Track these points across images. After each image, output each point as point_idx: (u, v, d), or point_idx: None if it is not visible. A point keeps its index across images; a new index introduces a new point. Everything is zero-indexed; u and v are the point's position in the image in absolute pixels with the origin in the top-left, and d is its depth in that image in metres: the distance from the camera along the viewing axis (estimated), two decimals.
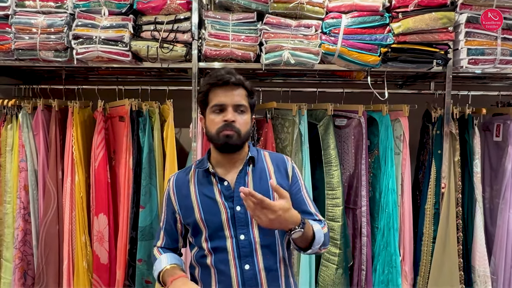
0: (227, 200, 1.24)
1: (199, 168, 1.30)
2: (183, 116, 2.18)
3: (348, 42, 1.90)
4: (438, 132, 2.07)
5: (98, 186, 2.06)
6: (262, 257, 1.23)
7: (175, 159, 2.04)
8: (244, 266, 1.22)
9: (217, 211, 1.23)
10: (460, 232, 2.02)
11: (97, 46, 1.90)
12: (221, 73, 1.23)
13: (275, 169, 1.31)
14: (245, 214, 1.22)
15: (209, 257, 1.25)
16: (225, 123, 1.20)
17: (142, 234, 2.01)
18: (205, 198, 1.26)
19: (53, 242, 2.04)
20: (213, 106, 1.22)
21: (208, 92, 1.23)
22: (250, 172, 1.27)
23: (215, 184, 1.26)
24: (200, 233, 1.26)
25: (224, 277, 1.23)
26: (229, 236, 1.23)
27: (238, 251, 1.22)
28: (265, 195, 1.20)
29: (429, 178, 2.07)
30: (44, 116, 2.12)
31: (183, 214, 1.29)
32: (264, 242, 1.24)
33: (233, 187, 1.25)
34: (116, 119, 2.17)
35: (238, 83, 1.23)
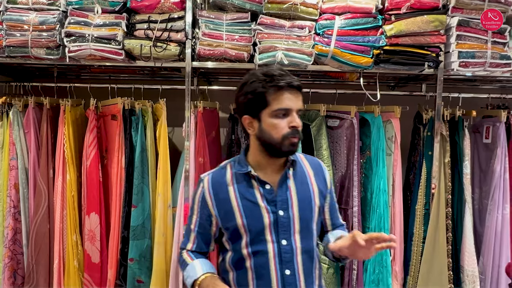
0: (269, 204, 1.20)
1: (238, 171, 1.23)
2: (176, 115, 2.18)
3: (341, 44, 1.92)
4: (429, 134, 2.10)
5: (90, 185, 2.05)
6: (302, 262, 1.21)
7: (167, 158, 2.04)
8: (285, 271, 1.19)
9: (260, 215, 1.19)
10: (450, 232, 2.05)
11: (90, 44, 1.89)
12: (279, 72, 1.14)
13: (314, 174, 1.29)
14: (288, 219, 1.20)
15: (248, 261, 1.21)
16: (294, 130, 1.15)
17: (134, 234, 2.00)
18: (247, 202, 1.20)
19: (43, 241, 2.03)
20: (277, 110, 1.13)
21: (266, 93, 1.13)
22: (291, 176, 1.23)
23: (256, 187, 1.21)
24: (240, 238, 1.22)
25: (263, 281, 1.20)
26: (270, 241, 1.19)
27: (280, 256, 1.19)
28: (307, 200, 1.22)
29: (420, 179, 2.09)
30: (35, 114, 2.11)
31: (222, 219, 1.23)
32: (305, 247, 1.22)
33: (276, 191, 1.21)
34: (109, 118, 2.16)
35: (301, 87, 1.17)
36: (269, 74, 1.14)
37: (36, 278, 2.03)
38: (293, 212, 1.20)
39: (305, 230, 1.22)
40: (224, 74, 2.48)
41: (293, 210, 1.20)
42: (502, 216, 2.06)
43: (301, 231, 1.21)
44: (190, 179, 2.00)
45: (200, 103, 2.06)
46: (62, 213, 2.04)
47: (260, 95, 1.14)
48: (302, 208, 1.21)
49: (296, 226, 1.20)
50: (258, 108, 1.16)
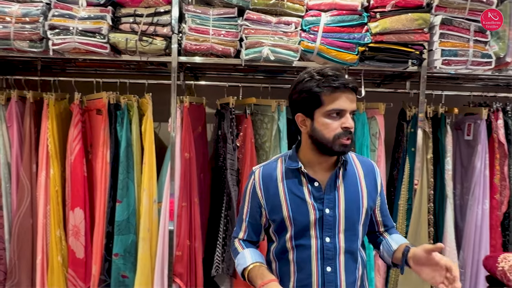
0: (316, 202, 1.21)
1: (289, 166, 1.24)
2: (162, 110, 2.17)
3: (327, 40, 1.93)
4: (412, 130, 2.14)
5: (74, 179, 2.03)
6: (344, 261, 1.22)
7: (153, 154, 2.04)
8: (326, 268, 1.20)
9: (306, 211, 1.20)
10: (432, 227, 2.10)
11: (74, 37, 1.87)
12: (335, 73, 1.14)
13: (365, 175, 1.28)
14: (334, 218, 1.20)
15: (291, 253, 1.24)
16: (346, 130, 1.15)
17: (118, 229, 1.99)
18: (294, 197, 1.22)
19: (26, 236, 2.01)
20: (331, 110, 1.13)
21: (321, 93, 1.14)
22: (341, 176, 1.23)
23: (305, 184, 1.22)
24: (285, 230, 1.23)
25: (304, 275, 1.22)
26: (314, 237, 1.21)
27: (322, 252, 1.20)
28: (354, 200, 1.22)
29: (403, 175, 2.13)
30: (18, 108, 2.08)
31: (270, 210, 1.25)
32: (348, 247, 1.22)
33: (324, 189, 1.21)
34: (94, 112, 2.14)
35: (356, 88, 1.16)
36: (325, 74, 1.15)
37: (18, 274, 2.00)
38: (340, 211, 1.21)
39: (350, 231, 1.22)
40: (211, 69, 2.48)
41: (340, 209, 1.21)
42: (482, 211, 2.11)
43: (346, 231, 1.21)
44: (175, 174, 2.00)
45: (186, 98, 2.05)
46: (46, 208, 2.01)
47: (314, 95, 1.15)
48: (349, 209, 1.21)
49: (342, 226, 1.21)
50: (312, 107, 1.16)
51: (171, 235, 1.99)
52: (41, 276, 2.00)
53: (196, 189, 2.06)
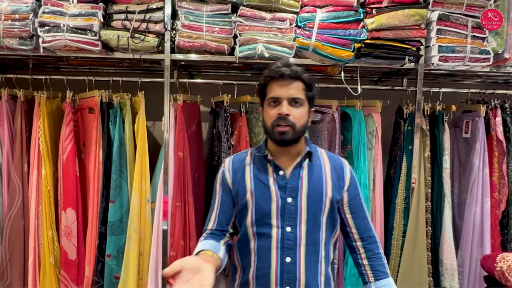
0: (280, 190, 1.23)
1: (257, 153, 1.30)
2: (156, 108, 2.14)
3: (323, 37, 1.90)
4: (410, 128, 2.11)
5: (66, 179, 2.00)
6: (305, 253, 1.22)
7: (146, 153, 2.00)
8: (285, 258, 1.21)
9: (269, 197, 1.23)
10: (429, 226, 2.07)
11: (65, 34, 1.83)
12: (277, 65, 1.21)
13: (332, 168, 1.29)
14: (296, 207, 1.22)
15: (252, 242, 1.25)
16: (279, 117, 1.19)
17: (111, 229, 1.97)
18: (259, 183, 1.25)
19: (17, 237, 1.98)
20: (269, 99, 1.22)
21: (266, 85, 1.23)
22: (306, 166, 1.26)
23: (271, 172, 1.26)
24: (246, 215, 1.25)
25: (264, 264, 1.23)
26: (275, 226, 1.22)
27: (282, 242, 1.21)
28: (318, 191, 1.23)
29: (400, 173, 2.10)
30: (9, 107, 2.04)
31: (235, 194, 1.29)
32: (309, 239, 1.22)
33: (288, 178, 1.24)
34: (86, 111, 2.11)
35: (295, 75, 1.20)
36: (272, 67, 1.23)
37: (10, 275, 1.97)
38: (302, 201, 1.22)
39: (312, 222, 1.23)
40: (205, 67, 2.44)
41: (302, 199, 1.22)
42: (481, 210, 2.09)
43: (308, 222, 1.22)
44: (169, 174, 1.97)
45: (180, 96, 2.02)
46: (38, 209, 1.98)
47: (261, 87, 1.25)
48: (311, 199, 1.23)
49: (303, 216, 1.22)
50: (262, 99, 1.27)
51: (164, 235, 1.96)
52: (33, 277, 1.97)
53: (191, 188, 2.03)
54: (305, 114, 1.23)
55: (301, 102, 1.21)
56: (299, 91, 1.21)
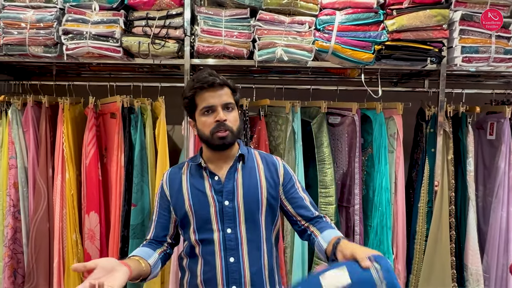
0: (217, 194, 1.28)
1: (192, 163, 1.35)
2: (175, 113, 2.16)
3: (342, 39, 1.89)
4: (432, 130, 2.07)
5: (89, 183, 2.04)
6: (248, 251, 1.28)
7: (167, 157, 2.02)
8: (229, 258, 1.27)
9: (206, 204, 1.28)
10: (453, 230, 2.02)
11: (88, 41, 1.87)
12: (203, 75, 1.25)
13: (265, 168, 1.36)
14: (233, 209, 1.28)
15: (197, 248, 1.31)
16: (218, 123, 1.24)
17: (133, 232, 1.99)
18: (196, 191, 1.30)
19: (43, 240, 2.02)
20: (202, 108, 1.25)
21: (194, 96, 1.26)
22: (240, 169, 1.32)
23: (206, 178, 1.31)
24: (188, 224, 1.31)
25: (210, 267, 1.28)
26: (216, 230, 1.28)
27: (224, 244, 1.27)
28: (254, 191, 1.29)
29: (422, 177, 2.06)
30: (34, 113, 2.09)
31: (174, 205, 1.33)
32: (250, 237, 1.28)
33: (223, 182, 1.30)
34: (108, 116, 2.15)
35: (223, 83, 1.26)
36: (197, 79, 1.26)
37: (36, 277, 2.02)
38: (238, 202, 1.28)
39: (250, 221, 1.28)
40: (224, 71, 2.45)
41: (238, 201, 1.28)
42: (508, 214, 2.03)
43: (247, 222, 1.28)
44: None
45: None
46: (62, 212, 2.03)
47: (190, 99, 1.27)
48: (247, 200, 1.28)
49: (242, 217, 1.28)
50: (192, 111, 1.29)
51: None
52: (58, 279, 2.01)
53: None
54: (237, 117, 1.29)
55: (233, 106, 1.28)
56: (229, 96, 1.27)
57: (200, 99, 1.26)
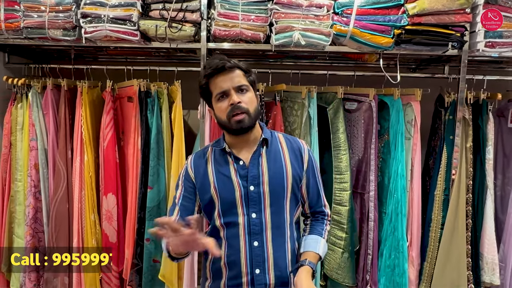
0: (241, 179, 1.28)
1: (216, 148, 1.35)
2: (191, 97, 2.16)
3: (361, 23, 1.85)
4: (451, 118, 2.03)
5: (107, 166, 2.07)
6: (272, 236, 1.28)
7: (182, 141, 2.04)
8: (253, 242, 1.27)
9: (232, 189, 1.28)
10: (470, 219, 2.00)
11: (106, 25, 1.88)
12: (213, 62, 1.25)
13: (290, 152, 1.34)
14: (258, 194, 1.27)
15: (221, 231, 1.31)
16: (232, 106, 1.23)
17: (150, 214, 2.03)
18: (221, 175, 1.30)
19: (63, 220, 2.08)
20: (216, 95, 1.26)
21: (208, 84, 1.26)
22: (264, 153, 1.31)
23: (231, 163, 1.31)
24: (213, 208, 1.31)
25: (234, 250, 1.29)
26: (241, 214, 1.28)
27: (249, 228, 1.28)
28: (279, 177, 1.29)
29: (440, 164, 2.03)
30: (53, 96, 2.13)
31: (199, 188, 1.33)
32: (274, 222, 1.29)
33: (248, 167, 1.29)
34: (125, 100, 2.17)
35: (233, 66, 1.25)
36: (207, 66, 1.26)
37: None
38: (264, 188, 1.28)
39: (275, 206, 1.29)
40: (240, 55, 2.44)
41: (264, 186, 1.28)
42: None
43: (272, 206, 1.28)
44: None
45: None
46: (81, 193, 2.08)
47: (204, 87, 1.28)
48: (272, 185, 1.28)
49: (267, 201, 1.28)
50: (209, 99, 1.30)
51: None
52: None
53: None
54: (254, 98, 1.28)
55: (247, 88, 1.27)
56: (242, 78, 1.26)
57: (213, 85, 1.26)
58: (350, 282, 1.99)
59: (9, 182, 2.17)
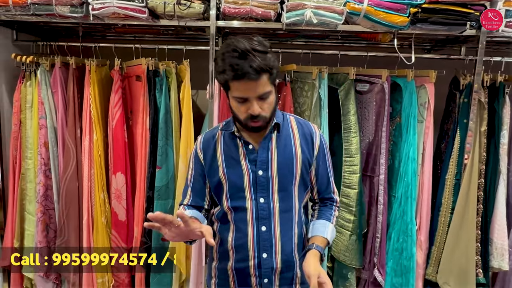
0: (250, 163, 1.26)
1: (225, 131, 1.31)
2: (200, 77, 2.14)
3: (375, 1, 1.79)
4: (466, 100, 1.97)
5: (116, 145, 2.08)
6: (279, 221, 1.28)
7: (191, 121, 2.03)
8: (261, 227, 1.27)
9: (240, 173, 1.26)
10: (481, 204, 1.97)
11: (113, 1, 1.84)
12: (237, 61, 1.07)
13: (301, 137, 1.31)
14: (267, 179, 1.26)
15: (229, 214, 1.31)
16: (251, 116, 1.16)
17: (158, 194, 2.04)
18: (230, 159, 1.28)
19: (73, 198, 2.10)
20: (235, 96, 1.15)
21: (227, 82, 1.13)
22: (274, 138, 1.27)
23: (240, 147, 1.28)
24: (221, 191, 1.30)
25: (241, 234, 1.29)
26: (249, 198, 1.27)
27: (257, 213, 1.27)
28: (287, 162, 1.27)
29: (452, 148, 1.99)
30: (62, 74, 2.12)
31: (208, 171, 1.32)
32: (282, 207, 1.28)
33: (257, 152, 1.26)
34: (133, 79, 2.15)
35: (261, 71, 1.09)
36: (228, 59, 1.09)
37: (67, 232, 2.12)
38: (272, 173, 1.25)
39: (284, 191, 1.27)
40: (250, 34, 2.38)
41: (272, 171, 1.25)
42: None
43: (280, 192, 1.26)
44: None
45: None
46: (90, 172, 2.09)
47: (222, 81, 1.15)
48: (281, 170, 1.26)
49: (275, 186, 1.26)
50: (225, 88, 1.18)
51: None
52: (87, 235, 2.11)
53: None
54: (273, 99, 1.19)
55: (269, 93, 1.15)
56: (266, 84, 1.12)
57: (234, 85, 1.12)
58: (357, 264, 2.00)
59: (19, 160, 2.19)
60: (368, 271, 2.05)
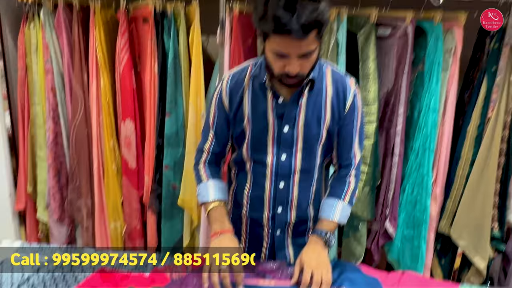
0: (277, 118, 1.19)
1: (256, 78, 1.19)
2: (210, 20, 2.01)
3: None
4: (496, 46, 1.82)
5: (124, 91, 2.02)
6: (299, 179, 1.25)
7: (201, 67, 1.94)
8: (279, 184, 1.24)
9: (266, 126, 1.20)
10: (503, 157, 1.88)
11: None
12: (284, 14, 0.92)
13: (334, 94, 1.20)
14: (291, 137, 1.20)
15: (248, 164, 1.27)
16: (287, 74, 1.05)
17: (168, 142, 2.01)
18: (257, 111, 1.20)
19: (83, 144, 2.08)
20: (273, 49, 1.02)
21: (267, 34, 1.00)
22: (305, 94, 1.18)
23: (269, 98, 1.18)
24: (243, 141, 1.25)
25: (258, 187, 1.27)
26: (270, 153, 1.22)
27: (277, 169, 1.23)
28: (315, 120, 1.19)
29: (477, 98, 1.88)
30: (66, 16, 2.02)
31: (232, 121, 1.25)
32: (303, 166, 1.24)
33: (286, 106, 1.18)
34: (140, 21, 2.04)
35: (312, 28, 0.95)
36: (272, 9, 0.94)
37: (79, 178, 2.13)
38: (298, 130, 1.19)
39: (307, 150, 1.22)
40: None
41: (298, 128, 1.19)
42: None
43: (303, 150, 1.21)
44: None
45: (237, 5, 1.87)
46: (99, 119, 2.05)
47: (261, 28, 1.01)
48: (308, 128, 1.19)
49: (299, 144, 1.21)
50: (263, 36, 1.05)
51: None
52: (98, 181, 2.11)
53: None
54: (315, 57, 1.06)
55: (313, 51, 1.03)
56: (311, 42, 0.99)
57: (275, 38, 0.99)
58: (369, 216, 1.97)
59: (28, 106, 2.16)
60: (379, 222, 2.03)
